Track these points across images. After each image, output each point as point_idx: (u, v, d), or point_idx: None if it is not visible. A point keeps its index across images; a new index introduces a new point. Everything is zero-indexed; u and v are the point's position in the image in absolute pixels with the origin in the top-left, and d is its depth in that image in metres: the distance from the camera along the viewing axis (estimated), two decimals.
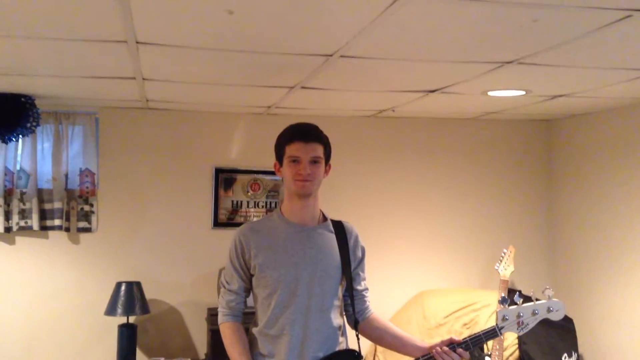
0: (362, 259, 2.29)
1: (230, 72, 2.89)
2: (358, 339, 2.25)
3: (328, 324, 2.15)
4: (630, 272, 3.77)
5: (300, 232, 2.18)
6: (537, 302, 2.16)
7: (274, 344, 2.13)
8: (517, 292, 2.20)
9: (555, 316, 2.16)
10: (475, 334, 2.14)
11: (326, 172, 2.24)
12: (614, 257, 3.89)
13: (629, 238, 3.77)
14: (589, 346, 4.06)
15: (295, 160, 2.13)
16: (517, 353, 3.75)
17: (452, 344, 2.11)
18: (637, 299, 3.71)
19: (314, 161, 2.14)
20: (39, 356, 3.81)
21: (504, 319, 2.14)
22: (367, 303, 2.31)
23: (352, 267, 2.23)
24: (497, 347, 3.66)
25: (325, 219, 2.27)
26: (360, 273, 2.29)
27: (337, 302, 2.19)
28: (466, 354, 2.11)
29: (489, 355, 3.67)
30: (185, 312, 4.02)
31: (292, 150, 2.13)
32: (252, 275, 2.18)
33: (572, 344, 3.82)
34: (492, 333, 2.14)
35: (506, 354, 3.73)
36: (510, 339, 3.78)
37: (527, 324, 2.14)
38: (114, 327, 3.71)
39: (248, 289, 2.22)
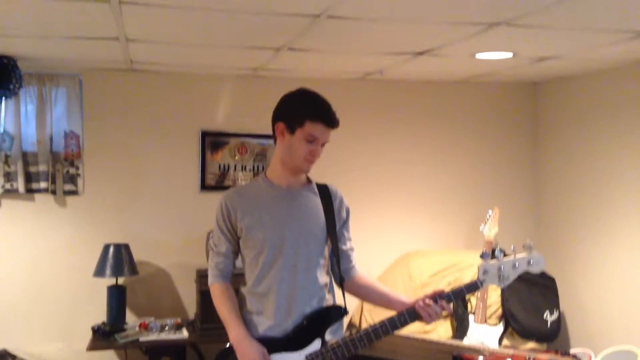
0: (346, 220, 2.32)
1: (215, 32, 2.85)
2: (344, 296, 2.29)
3: (314, 281, 2.20)
4: (612, 233, 3.83)
5: (285, 194, 2.22)
6: (517, 256, 2.18)
7: (261, 302, 2.18)
8: (498, 248, 2.23)
9: (535, 269, 2.19)
10: (457, 287, 2.19)
11: None
12: (597, 217, 3.95)
13: (612, 199, 3.82)
14: (570, 304, 4.14)
15: (312, 141, 2.12)
16: (500, 311, 3.83)
17: (434, 297, 2.17)
18: (618, 259, 3.78)
19: (323, 144, 2.18)
20: (28, 318, 3.84)
21: (485, 272, 2.16)
22: (353, 262, 2.35)
23: (337, 227, 2.26)
24: (481, 305, 3.75)
25: (309, 182, 2.30)
26: (345, 233, 2.32)
27: (322, 261, 2.24)
28: (448, 306, 2.17)
29: (473, 313, 3.77)
30: (174, 274, 4.04)
31: (314, 129, 2.11)
32: (239, 238, 2.22)
33: (553, 302, 3.88)
34: (474, 286, 2.18)
35: (489, 311, 3.81)
36: (494, 297, 3.85)
37: (508, 277, 2.17)
38: (103, 288, 3.73)
39: (236, 251, 2.26)
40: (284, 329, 2.16)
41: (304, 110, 2.13)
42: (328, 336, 2.19)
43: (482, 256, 2.20)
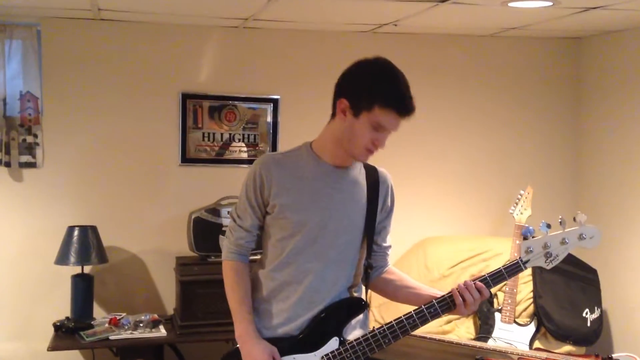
0: (390, 212, 2.29)
1: None
2: (366, 290, 2.27)
3: (347, 277, 2.18)
4: None
5: (331, 173, 2.15)
6: (567, 230, 2.08)
7: (280, 291, 2.15)
8: (544, 223, 2.17)
9: (589, 244, 2.09)
10: (495, 269, 2.11)
11: None
12: None
13: None
14: (614, 301, 4.07)
15: (378, 129, 2.05)
16: (531, 308, 3.75)
17: (473, 282, 2.10)
18: None
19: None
20: None
21: (527, 251, 2.09)
22: (388, 260, 2.33)
23: (379, 219, 2.22)
24: (509, 301, 3.65)
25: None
26: (387, 227, 2.29)
27: (358, 255, 2.21)
28: (486, 291, 2.10)
29: (499, 311, 3.68)
30: (150, 262, 3.97)
31: (383, 117, 2.02)
32: (267, 213, 2.15)
33: (595, 298, 3.82)
34: (516, 267, 2.10)
35: (519, 309, 3.72)
36: (525, 292, 3.75)
37: (557, 256, 2.09)
38: (67, 278, 3.63)
39: (261, 227, 2.20)
40: (299, 325, 2.13)
41: (376, 93, 2.02)
42: (348, 334, 2.16)
43: (525, 233, 2.14)
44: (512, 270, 2.11)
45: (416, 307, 2.11)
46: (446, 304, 2.10)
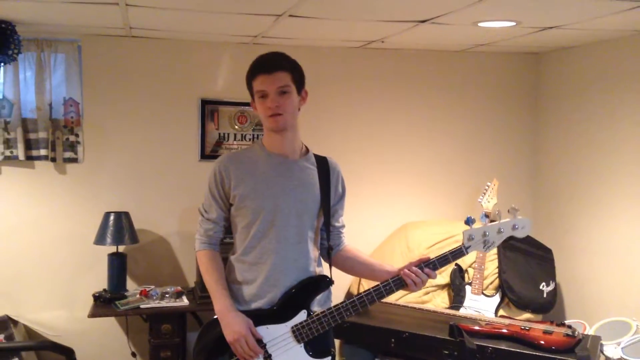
0: (342, 196, 2.30)
1: None
2: (330, 268, 2.29)
3: (305, 254, 2.18)
4: (610, 205, 3.84)
5: (281, 163, 2.18)
6: (502, 221, 2.14)
7: (250, 272, 2.17)
8: (483, 213, 2.19)
9: (520, 233, 2.13)
10: (442, 254, 2.15)
11: (302, 99, 2.19)
12: (595, 189, 3.95)
13: (611, 171, 3.82)
14: (566, 276, 4.16)
15: (263, 96, 2.09)
16: (497, 282, 3.86)
17: (420, 265, 2.14)
18: (615, 231, 3.79)
19: (282, 92, 2.09)
20: (29, 285, 3.85)
21: (469, 238, 2.13)
22: (343, 238, 2.35)
23: (332, 203, 2.24)
24: (478, 276, 3.77)
25: (307, 151, 2.27)
26: (339, 210, 2.31)
27: (313, 235, 2.22)
28: (433, 274, 2.14)
29: (470, 284, 3.79)
30: (174, 242, 4.06)
31: (257, 84, 2.10)
32: (231, 205, 2.19)
33: (550, 273, 3.91)
34: (459, 252, 2.13)
35: (486, 282, 3.84)
36: (491, 268, 3.88)
37: (493, 242, 2.13)
38: (104, 256, 3.74)
39: (227, 218, 2.23)
40: (270, 300, 2.15)
41: (248, 76, 2.14)
42: (314, 307, 2.19)
43: (467, 222, 2.16)
44: (456, 254, 2.13)
45: (374, 285, 2.15)
46: (400, 283, 2.13)
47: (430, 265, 2.14)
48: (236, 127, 4.11)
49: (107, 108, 3.94)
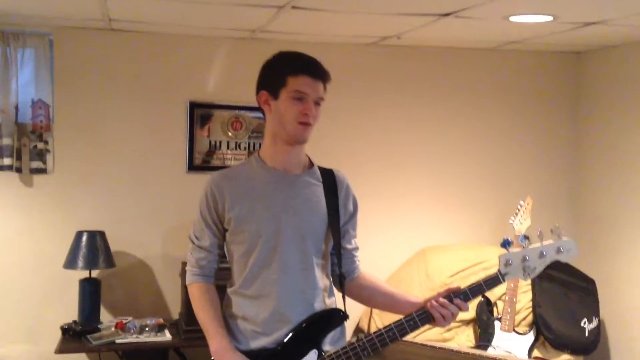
0: (354, 214, 2.29)
1: None
2: (344, 299, 2.26)
3: (313, 284, 2.16)
4: None
5: (282, 180, 2.17)
6: (545, 243, 2.11)
7: (251, 307, 2.15)
8: (522, 235, 2.18)
9: (565, 257, 2.12)
10: (474, 282, 2.12)
11: None
12: None
13: None
14: (611, 311, 4.14)
15: (301, 98, 2.08)
16: (530, 317, 3.84)
17: (449, 295, 2.11)
18: None
19: (317, 103, 2.12)
20: None
21: (507, 263, 2.10)
22: (357, 263, 2.32)
23: (342, 222, 2.22)
24: (509, 310, 3.76)
25: (311, 165, 2.26)
26: (351, 230, 2.29)
27: (322, 261, 2.21)
28: (465, 305, 2.11)
29: (499, 319, 3.75)
30: (156, 267, 4.06)
31: (299, 84, 2.07)
32: (226, 230, 2.18)
33: (593, 308, 3.89)
34: (495, 280, 2.10)
35: (518, 318, 3.82)
36: (524, 301, 3.86)
37: (534, 268, 2.10)
38: (75, 281, 3.72)
39: (221, 246, 2.22)
40: (275, 338, 2.12)
41: (284, 69, 2.11)
42: (326, 346, 2.15)
43: (503, 244, 2.14)
44: (491, 282, 2.11)
45: (396, 320, 2.12)
46: (425, 317, 2.11)
47: (461, 295, 2.11)
48: (230, 134, 4.14)
49: (81, 111, 3.94)
